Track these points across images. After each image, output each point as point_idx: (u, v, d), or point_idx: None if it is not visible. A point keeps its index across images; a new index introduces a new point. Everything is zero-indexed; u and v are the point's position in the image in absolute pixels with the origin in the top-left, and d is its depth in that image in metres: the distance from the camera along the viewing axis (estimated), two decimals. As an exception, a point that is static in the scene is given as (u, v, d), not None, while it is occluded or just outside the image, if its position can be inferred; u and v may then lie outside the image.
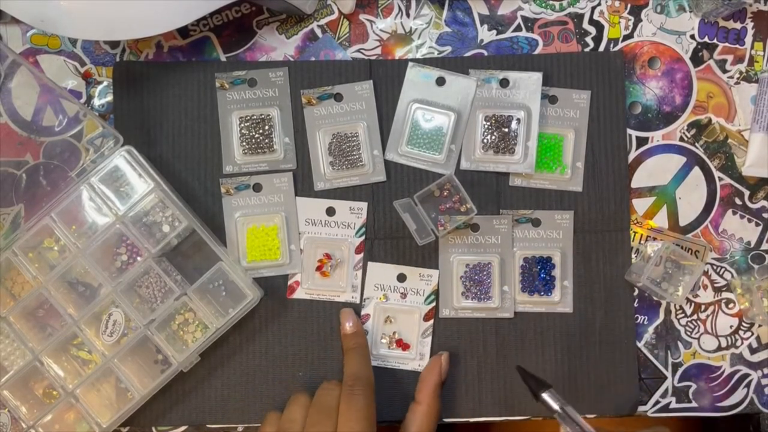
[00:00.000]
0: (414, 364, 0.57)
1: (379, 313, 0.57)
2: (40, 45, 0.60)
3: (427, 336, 0.57)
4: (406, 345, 0.56)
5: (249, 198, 0.58)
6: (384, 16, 0.60)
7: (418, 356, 0.57)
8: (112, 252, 0.56)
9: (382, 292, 0.57)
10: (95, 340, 0.55)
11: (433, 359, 0.56)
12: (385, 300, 0.56)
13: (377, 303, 0.57)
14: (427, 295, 0.56)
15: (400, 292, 0.56)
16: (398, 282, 0.57)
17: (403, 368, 0.57)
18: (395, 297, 0.57)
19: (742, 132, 0.59)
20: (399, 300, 0.57)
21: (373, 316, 0.57)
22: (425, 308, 0.57)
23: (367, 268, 0.56)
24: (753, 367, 0.59)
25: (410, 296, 0.57)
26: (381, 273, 0.57)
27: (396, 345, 0.56)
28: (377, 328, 0.57)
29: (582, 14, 0.59)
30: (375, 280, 0.57)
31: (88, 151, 0.58)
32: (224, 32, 0.60)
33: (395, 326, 0.57)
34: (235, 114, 0.58)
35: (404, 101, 0.58)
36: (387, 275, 0.57)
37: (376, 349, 0.57)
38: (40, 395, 0.56)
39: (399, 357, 0.57)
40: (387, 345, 0.57)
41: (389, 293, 0.56)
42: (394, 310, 0.57)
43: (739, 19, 0.59)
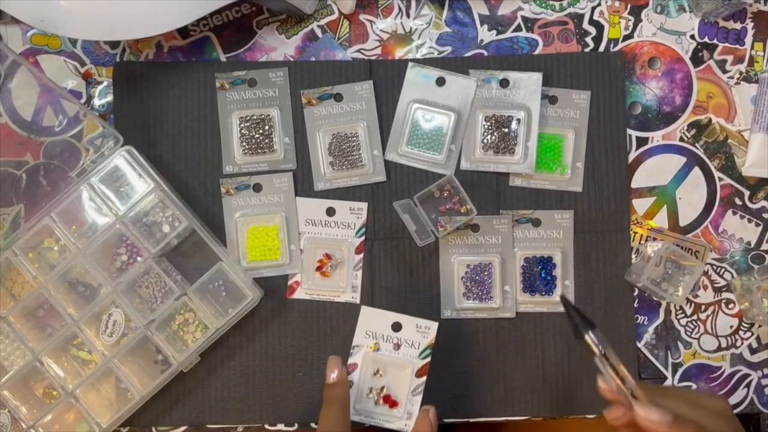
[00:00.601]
0: (401, 423, 0.53)
1: (368, 363, 0.53)
2: (41, 45, 0.60)
3: (418, 394, 0.53)
4: (394, 402, 0.53)
5: (249, 198, 0.58)
6: (384, 17, 0.60)
7: (405, 415, 0.53)
8: (112, 252, 0.56)
9: (374, 341, 0.53)
10: (95, 340, 0.55)
11: (420, 416, 0.50)
12: (376, 350, 0.53)
13: (367, 352, 0.53)
14: (423, 349, 0.52)
15: (393, 342, 0.53)
16: (393, 331, 0.53)
17: (389, 427, 0.53)
18: (387, 347, 0.53)
19: (742, 132, 0.59)
20: (391, 351, 0.53)
21: (361, 367, 0.53)
22: (419, 363, 0.53)
23: (361, 313, 0.53)
24: (753, 368, 0.59)
25: (404, 348, 0.53)
26: (375, 319, 0.53)
27: (383, 401, 0.53)
28: (364, 379, 0.53)
29: (582, 14, 0.59)
30: (368, 326, 0.53)
31: (88, 151, 0.58)
32: (224, 32, 0.60)
33: (384, 380, 0.53)
34: (235, 114, 0.58)
35: (404, 101, 0.58)
36: (381, 322, 0.53)
37: (360, 402, 0.53)
38: (40, 395, 0.56)
39: (385, 414, 0.53)
40: (374, 400, 0.53)
41: (381, 342, 0.53)
42: (384, 362, 0.53)
43: (739, 19, 0.60)
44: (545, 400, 0.57)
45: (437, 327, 0.52)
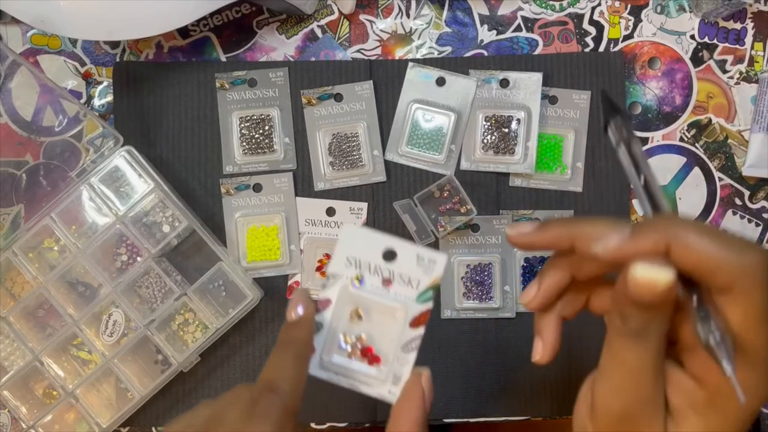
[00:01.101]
0: (382, 388, 0.37)
1: (345, 301, 0.37)
2: (41, 45, 0.60)
3: (410, 351, 0.37)
4: (375, 357, 0.37)
5: (249, 198, 0.58)
6: (384, 17, 0.60)
7: (390, 378, 0.37)
8: (112, 252, 0.56)
9: (357, 271, 0.37)
10: (95, 340, 0.55)
11: (410, 382, 0.36)
12: (359, 284, 0.37)
13: (346, 286, 0.37)
14: (424, 290, 0.36)
15: (383, 276, 0.37)
16: (384, 261, 0.37)
17: (365, 391, 0.37)
18: (374, 282, 0.37)
19: (742, 132, 0.59)
20: (379, 288, 0.37)
21: (335, 305, 0.37)
22: (416, 308, 0.37)
23: (342, 232, 0.37)
24: (753, 368, 0.59)
25: (397, 286, 0.37)
26: (361, 242, 0.37)
27: (361, 354, 0.37)
28: (338, 322, 0.37)
29: (582, 14, 0.59)
30: (350, 250, 0.37)
31: (88, 151, 0.58)
32: (224, 32, 0.60)
33: (365, 326, 0.37)
34: (235, 114, 0.58)
35: (404, 101, 0.58)
36: (369, 247, 0.37)
37: (329, 353, 0.37)
38: (40, 395, 0.56)
39: (362, 373, 0.37)
40: (348, 352, 0.37)
41: (367, 275, 0.37)
42: (368, 303, 0.37)
43: (739, 19, 0.59)
44: (545, 400, 0.57)
45: (445, 262, 0.37)
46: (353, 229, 0.37)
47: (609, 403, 0.30)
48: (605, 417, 0.31)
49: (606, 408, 0.30)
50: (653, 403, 0.30)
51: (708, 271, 0.26)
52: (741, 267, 0.26)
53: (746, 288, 0.26)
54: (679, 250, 0.26)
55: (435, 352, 0.57)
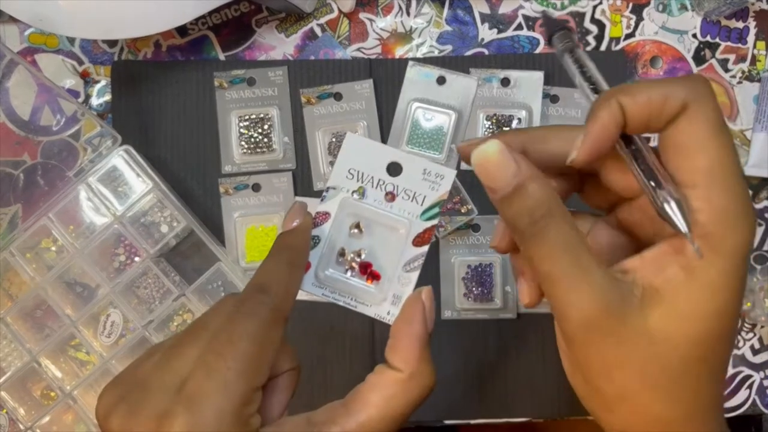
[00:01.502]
0: (381, 309, 0.34)
1: (345, 214, 0.35)
2: (38, 44, 0.59)
3: (412, 271, 0.35)
4: (375, 274, 0.35)
5: (248, 198, 0.58)
6: (384, 15, 0.59)
7: (390, 298, 0.34)
8: (110, 252, 0.56)
9: (359, 184, 0.35)
10: (93, 341, 0.55)
11: (410, 300, 0.33)
12: (361, 196, 0.35)
13: (346, 198, 0.35)
14: (429, 206, 0.34)
15: (386, 190, 0.35)
16: (388, 175, 0.35)
17: (363, 311, 0.35)
18: (377, 196, 0.35)
19: (744, 132, 0.59)
20: (382, 202, 0.35)
21: (335, 217, 0.35)
22: (419, 226, 0.35)
23: (345, 142, 0.35)
24: (755, 369, 0.58)
25: (401, 201, 0.35)
26: (365, 152, 0.35)
27: (360, 270, 0.35)
28: (336, 236, 0.35)
29: (583, 13, 0.59)
30: (353, 161, 0.35)
31: (86, 150, 0.57)
32: (223, 31, 0.59)
33: (366, 241, 0.35)
34: (234, 113, 0.58)
35: (404, 100, 0.58)
36: (373, 158, 0.35)
37: (326, 268, 0.35)
38: (38, 396, 0.55)
39: (359, 291, 0.34)
40: (345, 267, 0.35)
41: (369, 188, 0.35)
42: (369, 216, 0.35)
43: (742, 18, 0.59)
44: (546, 401, 0.57)
45: (453, 177, 0.34)
46: (357, 138, 0.34)
47: (563, 310, 0.29)
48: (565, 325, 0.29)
49: (560, 316, 0.29)
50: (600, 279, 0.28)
51: (659, 103, 0.27)
52: (686, 85, 0.27)
53: (698, 101, 0.27)
54: (630, 101, 0.27)
55: (435, 353, 0.57)
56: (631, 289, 0.28)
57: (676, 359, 0.27)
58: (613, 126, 0.27)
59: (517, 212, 0.28)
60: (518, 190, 0.28)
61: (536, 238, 0.28)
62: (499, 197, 0.29)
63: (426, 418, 0.57)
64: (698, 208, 0.27)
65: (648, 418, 0.28)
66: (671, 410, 0.27)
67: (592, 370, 0.28)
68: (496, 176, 0.28)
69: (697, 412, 0.28)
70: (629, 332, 0.27)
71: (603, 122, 0.27)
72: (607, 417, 0.29)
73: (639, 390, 0.27)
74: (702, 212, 0.27)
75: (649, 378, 0.27)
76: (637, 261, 0.29)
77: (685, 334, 0.27)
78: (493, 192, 0.29)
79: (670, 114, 0.27)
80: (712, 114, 0.27)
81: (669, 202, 0.27)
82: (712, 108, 0.27)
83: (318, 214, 0.35)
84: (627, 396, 0.28)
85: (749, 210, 0.27)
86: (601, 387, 0.28)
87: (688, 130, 0.27)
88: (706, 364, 0.27)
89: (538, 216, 0.28)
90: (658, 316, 0.27)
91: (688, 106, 0.27)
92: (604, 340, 0.27)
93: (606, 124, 0.27)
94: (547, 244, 0.28)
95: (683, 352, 0.27)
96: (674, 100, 0.27)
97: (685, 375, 0.27)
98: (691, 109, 0.27)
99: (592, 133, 0.28)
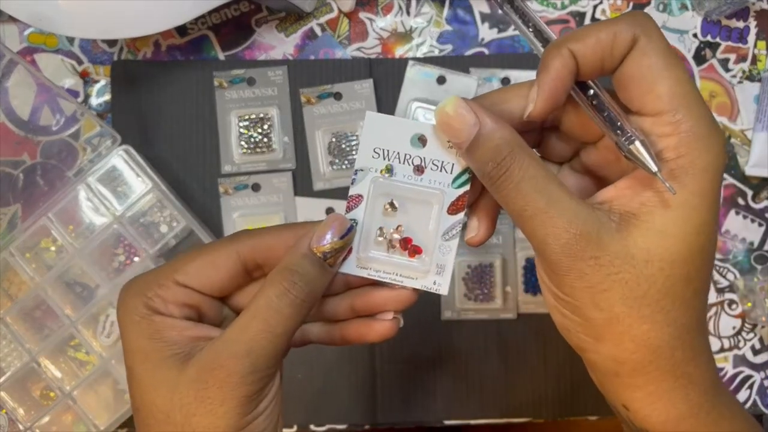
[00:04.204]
0: (427, 280, 0.34)
1: (378, 194, 0.34)
2: (38, 43, 0.59)
3: (452, 238, 0.34)
4: (416, 248, 0.34)
5: (248, 198, 0.58)
6: (384, 15, 0.59)
7: (434, 269, 0.34)
8: (109, 252, 0.55)
9: (386, 162, 0.34)
10: (93, 341, 0.55)
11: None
12: (389, 174, 0.34)
13: (376, 178, 0.34)
14: (459, 173, 0.33)
15: (414, 164, 0.34)
16: (413, 148, 0.34)
17: (410, 285, 0.34)
18: (406, 171, 0.34)
19: (745, 131, 0.59)
20: (411, 177, 0.34)
21: (367, 199, 0.34)
22: (452, 194, 0.34)
23: (366, 121, 0.34)
24: (756, 369, 0.58)
25: (430, 173, 0.34)
26: (388, 130, 0.34)
27: (401, 246, 0.34)
28: (372, 217, 0.34)
29: (584, 13, 0.59)
30: (377, 140, 0.34)
31: (85, 150, 0.57)
32: (223, 30, 0.59)
33: (401, 217, 0.34)
34: (234, 113, 0.58)
35: (404, 100, 0.58)
36: (397, 134, 0.34)
37: (366, 249, 0.34)
38: (37, 397, 0.55)
39: (403, 266, 0.34)
40: (386, 245, 0.34)
41: (397, 164, 0.34)
42: (402, 192, 0.34)
43: (742, 17, 0.59)
44: (547, 401, 0.57)
45: None
46: (376, 117, 0.34)
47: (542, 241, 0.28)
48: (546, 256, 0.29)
49: (540, 249, 0.29)
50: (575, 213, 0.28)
51: (608, 42, 0.27)
52: (630, 21, 0.27)
53: (646, 33, 0.27)
54: (581, 46, 0.28)
55: (436, 353, 0.57)
56: (608, 215, 0.28)
57: (661, 279, 0.27)
58: (566, 74, 0.28)
59: (482, 158, 0.29)
60: (479, 137, 0.28)
61: (504, 178, 0.28)
62: (465, 149, 0.29)
63: (426, 418, 0.57)
64: (667, 133, 0.27)
65: (637, 341, 0.28)
66: (659, 330, 0.28)
67: (578, 298, 0.28)
68: (458, 128, 0.29)
69: (684, 332, 0.28)
70: (610, 255, 0.27)
71: (557, 71, 0.28)
72: (596, 347, 0.29)
73: (626, 312, 0.28)
74: (671, 136, 0.27)
75: (635, 299, 0.27)
76: (612, 191, 0.29)
77: (666, 254, 0.27)
78: (459, 146, 0.30)
79: (622, 50, 0.27)
80: (662, 43, 0.27)
81: (634, 143, 0.27)
82: (660, 38, 0.27)
83: (351, 198, 0.34)
84: (614, 320, 0.28)
85: (716, 129, 0.27)
86: (588, 315, 0.28)
87: (644, 61, 0.27)
88: (689, 282, 0.28)
89: (502, 158, 0.28)
90: (638, 237, 0.27)
91: (637, 39, 0.27)
92: (586, 264, 0.27)
93: (559, 72, 0.28)
94: (515, 180, 0.28)
95: (667, 272, 0.27)
96: (623, 36, 0.27)
97: (670, 294, 0.27)
98: (641, 41, 0.27)
99: (545, 83, 0.28)
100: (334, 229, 0.32)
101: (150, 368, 0.29)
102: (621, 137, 0.28)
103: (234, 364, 0.28)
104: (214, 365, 0.28)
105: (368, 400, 0.57)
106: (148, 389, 0.29)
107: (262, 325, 0.29)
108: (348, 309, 0.33)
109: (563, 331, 0.31)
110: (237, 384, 0.28)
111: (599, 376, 0.31)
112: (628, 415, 0.30)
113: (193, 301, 0.31)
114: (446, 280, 0.34)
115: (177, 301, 0.30)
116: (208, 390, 0.28)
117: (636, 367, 0.28)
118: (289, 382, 0.57)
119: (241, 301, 0.33)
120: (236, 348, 0.28)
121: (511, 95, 0.31)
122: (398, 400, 0.57)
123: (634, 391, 0.29)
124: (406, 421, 0.57)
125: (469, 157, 0.30)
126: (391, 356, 0.57)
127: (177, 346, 0.29)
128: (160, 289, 0.30)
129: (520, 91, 0.30)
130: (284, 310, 0.29)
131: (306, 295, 0.30)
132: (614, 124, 0.28)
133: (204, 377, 0.28)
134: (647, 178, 0.28)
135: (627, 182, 0.29)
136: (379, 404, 0.57)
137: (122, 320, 0.30)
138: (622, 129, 0.28)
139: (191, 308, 0.31)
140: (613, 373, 0.29)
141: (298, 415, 0.57)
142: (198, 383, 0.28)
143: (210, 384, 0.28)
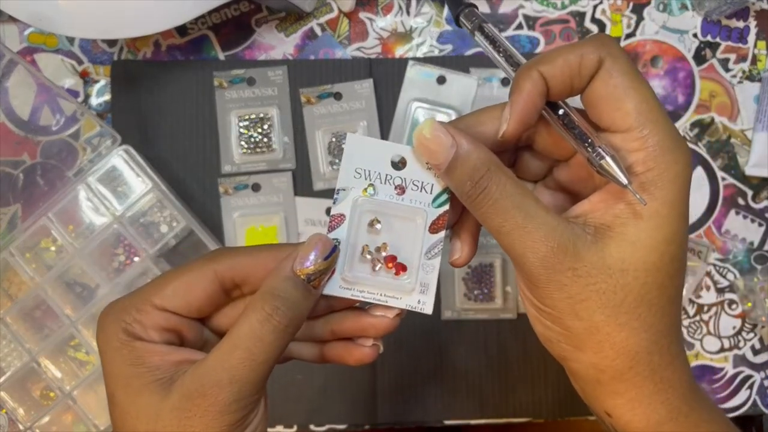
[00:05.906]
0: (412, 299, 0.34)
1: (361, 212, 0.34)
2: (38, 43, 0.59)
3: (434, 257, 0.34)
4: (401, 266, 0.34)
5: (248, 198, 0.58)
6: (384, 15, 0.59)
7: (418, 288, 0.34)
8: (109, 252, 0.55)
9: (367, 182, 0.34)
10: (93, 341, 0.54)
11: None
12: (372, 193, 0.35)
13: (358, 198, 0.34)
14: (438, 193, 0.34)
15: (395, 184, 0.35)
16: (393, 169, 0.35)
17: (395, 305, 0.34)
18: (387, 191, 0.34)
19: (745, 131, 0.59)
20: (394, 195, 0.34)
21: (350, 218, 0.34)
22: (433, 213, 0.34)
23: (347, 143, 0.34)
24: (756, 369, 0.58)
25: (411, 192, 0.35)
26: (367, 151, 0.34)
27: (386, 264, 0.34)
28: (356, 236, 0.34)
29: (584, 12, 0.59)
30: (357, 161, 0.34)
31: (85, 150, 0.57)
32: (223, 30, 0.59)
33: (385, 235, 0.35)
34: (234, 113, 0.58)
35: (404, 100, 0.58)
36: (377, 156, 0.34)
37: (352, 268, 0.34)
38: (37, 397, 0.55)
39: (389, 285, 0.34)
40: (371, 263, 0.34)
41: (378, 184, 0.34)
42: (385, 210, 0.35)
43: (742, 17, 0.59)
44: (547, 401, 0.57)
45: None
46: (357, 138, 0.34)
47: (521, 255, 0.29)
48: (526, 270, 0.29)
49: (519, 263, 0.29)
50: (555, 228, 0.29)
51: (576, 63, 0.29)
52: (595, 44, 0.29)
53: (611, 54, 0.28)
54: (550, 68, 0.29)
55: (436, 354, 0.57)
56: (583, 228, 0.29)
57: (636, 287, 0.28)
58: (536, 95, 0.29)
59: (461, 178, 0.29)
60: (457, 158, 0.29)
61: (482, 197, 0.29)
62: (444, 170, 0.30)
63: (426, 418, 0.57)
64: (635, 148, 0.28)
65: (617, 348, 0.29)
66: (636, 336, 0.29)
67: (559, 309, 0.29)
68: (435, 150, 0.30)
69: (660, 337, 0.29)
70: (587, 266, 0.28)
71: (528, 92, 0.29)
72: (577, 356, 0.30)
73: (604, 321, 0.29)
74: (639, 151, 0.28)
75: (613, 308, 0.28)
76: (586, 205, 0.30)
77: (639, 263, 0.28)
78: (438, 167, 0.30)
79: (589, 70, 0.28)
80: (626, 64, 0.28)
81: (605, 158, 0.28)
82: (625, 59, 0.29)
83: (333, 217, 0.34)
84: (593, 329, 0.29)
85: (682, 142, 0.28)
86: (569, 325, 0.29)
87: (610, 81, 0.28)
88: (663, 289, 0.29)
89: (480, 177, 0.29)
90: (613, 248, 0.28)
91: (603, 61, 0.28)
92: (564, 275, 0.28)
93: (530, 93, 0.29)
94: (492, 198, 0.29)
95: (641, 280, 0.28)
96: (589, 57, 0.28)
97: (645, 301, 0.29)
98: (607, 62, 0.28)
99: (517, 104, 0.29)
100: (317, 250, 0.31)
101: (132, 394, 0.29)
102: (592, 153, 0.29)
103: (217, 393, 0.28)
104: (197, 393, 0.28)
105: (368, 400, 0.57)
106: (130, 416, 0.29)
107: (245, 354, 0.28)
108: (329, 333, 0.34)
109: (546, 342, 0.32)
110: (220, 413, 0.28)
111: (582, 384, 0.32)
112: (611, 422, 0.31)
113: (173, 324, 0.30)
114: (430, 298, 0.34)
115: (156, 325, 0.30)
116: (191, 419, 0.28)
117: (616, 374, 0.29)
118: (289, 382, 0.57)
119: (221, 322, 0.33)
120: (219, 376, 0.28)
121: (485, 117, 0.31)
122: (398, 400, 0.57)
123: (616, 397, 0.30)
124: (406, 421, 0.57)
125: (448, 177, 0.30)
126: (391, 356, 0.57)
127: (159, 371, 0.29)
128: (138, 314, 0.30)
129: (494, 113, 0.31)
130: (267, 337, 0.29)
131: (289, 320, 0.29)
132: (585, 140, 0.29)
133: (187, 405, 0.28)
134: (619, 192, 0.29)
135: (600, 196, 0.30)
136: (379, 404, 0.57)
137: (102, 346, 0.30)
138: (592, 145, 0.29)
139: (171, 332, 0.30)
140: (594, 380, 0.30)
141: (298, 415, 0.57)
142: (181, 411, 0.28)
143: (193, 413, 0.28)
